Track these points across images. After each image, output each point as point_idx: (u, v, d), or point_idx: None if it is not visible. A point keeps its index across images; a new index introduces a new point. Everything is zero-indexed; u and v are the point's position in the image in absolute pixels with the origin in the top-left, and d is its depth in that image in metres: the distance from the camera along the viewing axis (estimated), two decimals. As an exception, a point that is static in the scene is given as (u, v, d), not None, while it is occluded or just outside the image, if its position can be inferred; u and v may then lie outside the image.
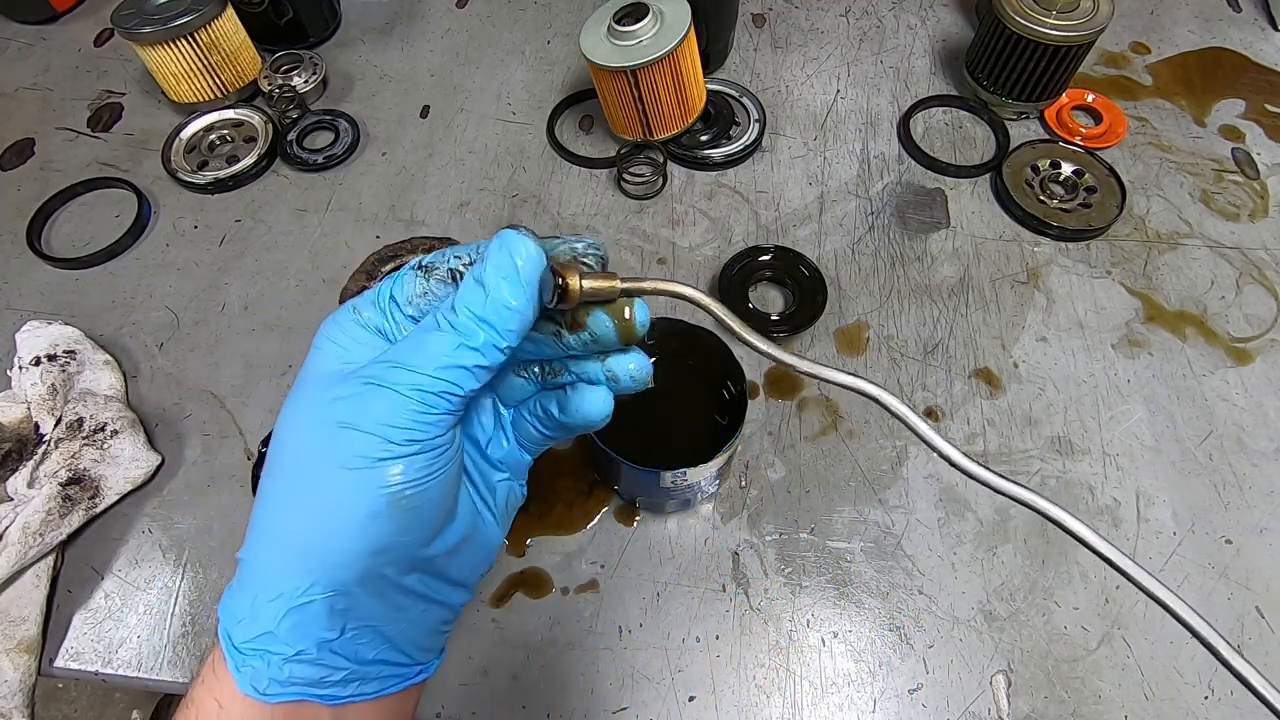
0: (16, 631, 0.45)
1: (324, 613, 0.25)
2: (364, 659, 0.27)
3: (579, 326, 0.28)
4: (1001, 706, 0.44)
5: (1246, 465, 0.51)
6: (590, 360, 0.30)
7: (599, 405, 0.30)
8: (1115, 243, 0.61)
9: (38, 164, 0.68)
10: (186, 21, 0.63)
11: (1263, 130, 0.68)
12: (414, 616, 0.28)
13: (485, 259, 0.26)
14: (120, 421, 0.51)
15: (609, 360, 0.30)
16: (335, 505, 0.25)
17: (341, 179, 0.66)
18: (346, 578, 0.25)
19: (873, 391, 0.32)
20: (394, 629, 0.28)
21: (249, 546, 0.27)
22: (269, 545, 0.26)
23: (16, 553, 0.45)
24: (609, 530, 0.49)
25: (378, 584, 0.26)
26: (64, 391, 0.52)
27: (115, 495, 0.49)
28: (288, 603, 0.25)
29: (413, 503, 0.26)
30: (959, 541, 0.48)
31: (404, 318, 0.28)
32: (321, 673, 0.26)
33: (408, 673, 0.29)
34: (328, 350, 0.28)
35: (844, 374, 0.31)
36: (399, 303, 0.28)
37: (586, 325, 0.28)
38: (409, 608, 0.28)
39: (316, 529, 0.25)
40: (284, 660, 0.26)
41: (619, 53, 0.58)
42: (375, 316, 0.29)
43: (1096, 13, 0.61)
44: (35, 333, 0.55)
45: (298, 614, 0.25)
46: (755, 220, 0.63)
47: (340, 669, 0.26)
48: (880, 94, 0.71)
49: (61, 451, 0.49)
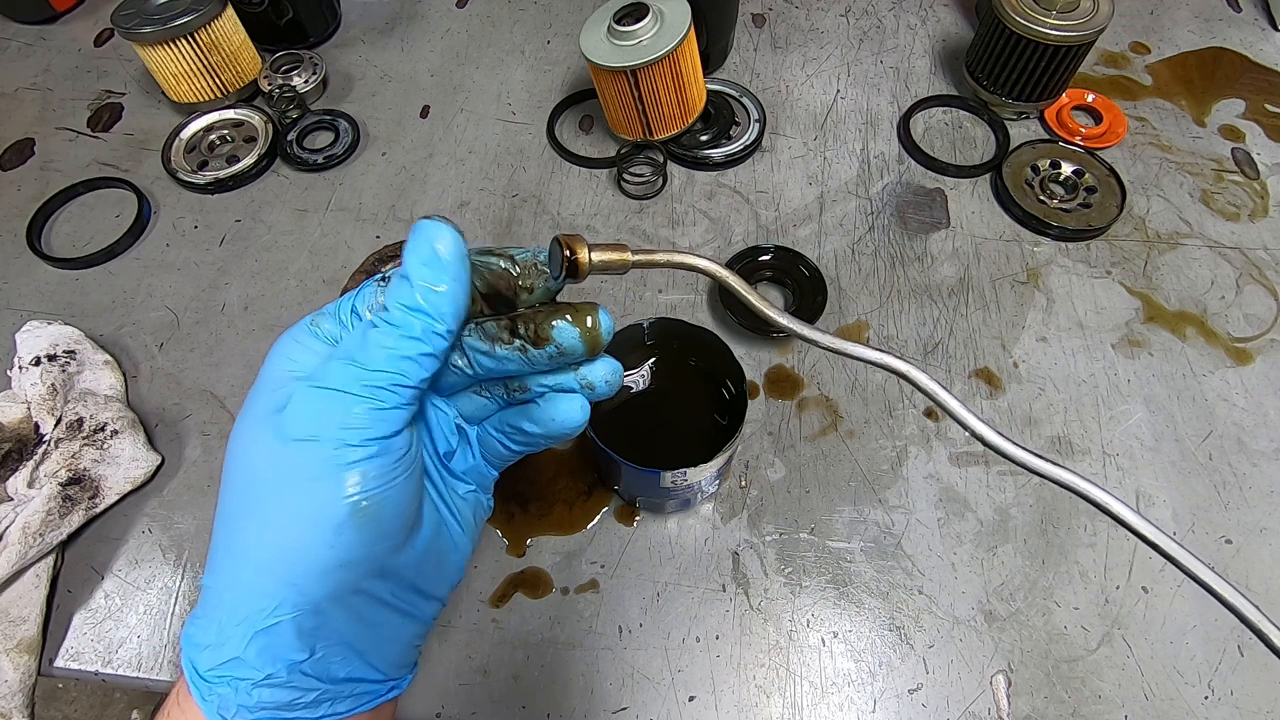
0: (16, 631, 0.45)
1: (293, 633, 0.25)
2: (335, 678, 0.27)
3: (544, 340, 0.28)
4: (1001, 706, 0.44)
5: (1246, 465, 0.51)
6: (563, 370, 0.30)
7: (575, 413, 0.30)
8: (1115, 243, 0.61)
9: (38, 164, 0.68)
10: (186, 21, 0.63)
11: (1263, 130, 0.68)
12: (385, 632, 0.28)
13: (404, 252, 0.26)
14: (120, 422, 0.51)
15: (581, 369, 0.30)
16: (296, 518, 0.25)
17: (341, 179, 0.66)
18: (315, 595, 0.25)
19: (900, 367, 0.30)
20: (365, 644, 0.27)
21: (210, 571, 0.26)
22: (231, 567, 0.26)
23: (17, 553, 0.45)
24: (609, 530, 0.49)
25: (347, 598, 0.26)
26: (64, 391, 0.52)
27: (115, 495, 0.49)
28: (254, 625, 0.25)
29: (374, 511, 0.25)
30: (959, 541, 0.49)
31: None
32: (292, 695, 0.26)
33: (379, 689, 0.28)
34: (279, 364, 0.27)
35: (870, 349, 0.30)
36: (359, 314, 0.28)
37: (551, 338, 0.28)
38: (380, 622, 0.27)
39: (279, 545, 0.25)
40: (252, 685, 0.25)
41: (619, 53, 0.58)
42: (333, 328, 0.28)
43: (1096, 13, 0.61)
44: (35, 333, 0.55)
45: (265, 636, 0.25)
46: (755, 220, 0.63)
47: (311, 690, 0.26)
48: (880, 94, 0.71)
49: (61, 451, 0.49)
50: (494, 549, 0.49)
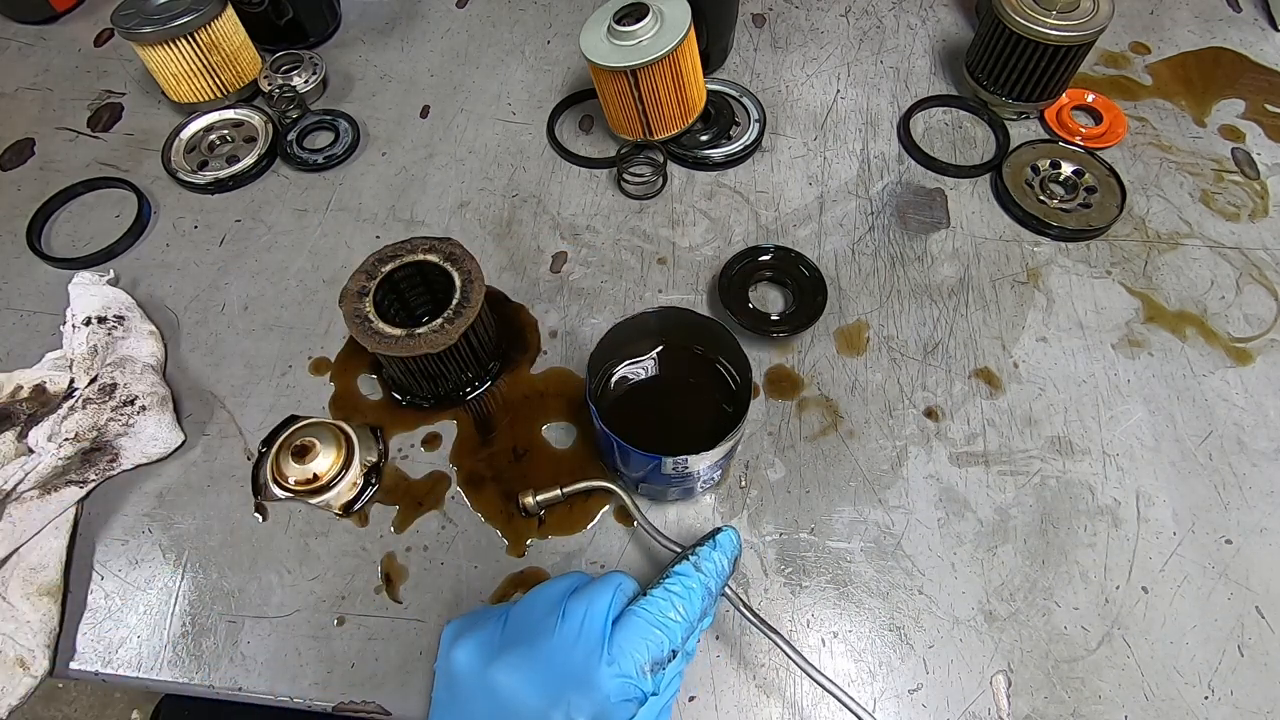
0: (36, 577, 0.46)
1: None
2: None
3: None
4: (1001, 706, 0.44)
5: (1246, 465, 0.51)
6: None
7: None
8: (1115, 243, 0.61)
9: (38, 164, 0.68)
10: (186, 21, 0.63)
11: (1263, 130, 0.68)
12: None
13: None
14: (150, 397, 0.52)
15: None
16: None
17: (341, 179, 0.66)
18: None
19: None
20: None
21: None
22: None
23: (35, 506, 0.47)
24: (609, 530, 0.49)
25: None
26: (104, 354, 0.53)
27: (131, 465, 0.51)
28: None
29: None
30: (959, 541, 0.49)
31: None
32: None
33: None
34: None
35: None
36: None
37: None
38: None
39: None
40: None
41: (619, 53, 0.58)
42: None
43: (1096, 13, 0.61)
44: (89, 290, 0.56)
45: None
46: (755, 220, 0.63)
47: None
48: (880, 94, 0.71)
49: (88, 412, 0.50)
50: (494, 549, 0.49)
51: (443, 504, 0.50)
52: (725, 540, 0.39)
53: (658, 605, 0.35)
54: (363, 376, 0.55)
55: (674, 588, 0.36)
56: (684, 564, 0.37)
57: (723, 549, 0.38)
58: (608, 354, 0.46)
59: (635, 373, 0.48)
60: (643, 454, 0.42)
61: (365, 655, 0.45)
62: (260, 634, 0.46)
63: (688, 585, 0.36)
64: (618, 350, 0.48)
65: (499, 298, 0.59)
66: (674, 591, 0.36)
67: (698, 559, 0.38)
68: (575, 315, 0.58)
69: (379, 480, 0.51)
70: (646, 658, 0.34)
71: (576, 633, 0.34)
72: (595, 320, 0.58)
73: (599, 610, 0.35)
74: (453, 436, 0.53)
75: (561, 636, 0.35)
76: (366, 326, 0.47)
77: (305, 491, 0.49)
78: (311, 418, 0.52)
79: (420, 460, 0.52)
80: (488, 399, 0.54)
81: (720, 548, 0.38)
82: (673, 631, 0.35)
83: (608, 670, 0.33)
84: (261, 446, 0.52)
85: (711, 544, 0.38)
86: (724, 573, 0.38)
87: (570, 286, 0.59)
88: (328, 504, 0.49)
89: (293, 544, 0.49)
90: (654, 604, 0.35)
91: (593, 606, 0.35)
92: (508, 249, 0.62)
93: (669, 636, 0.34)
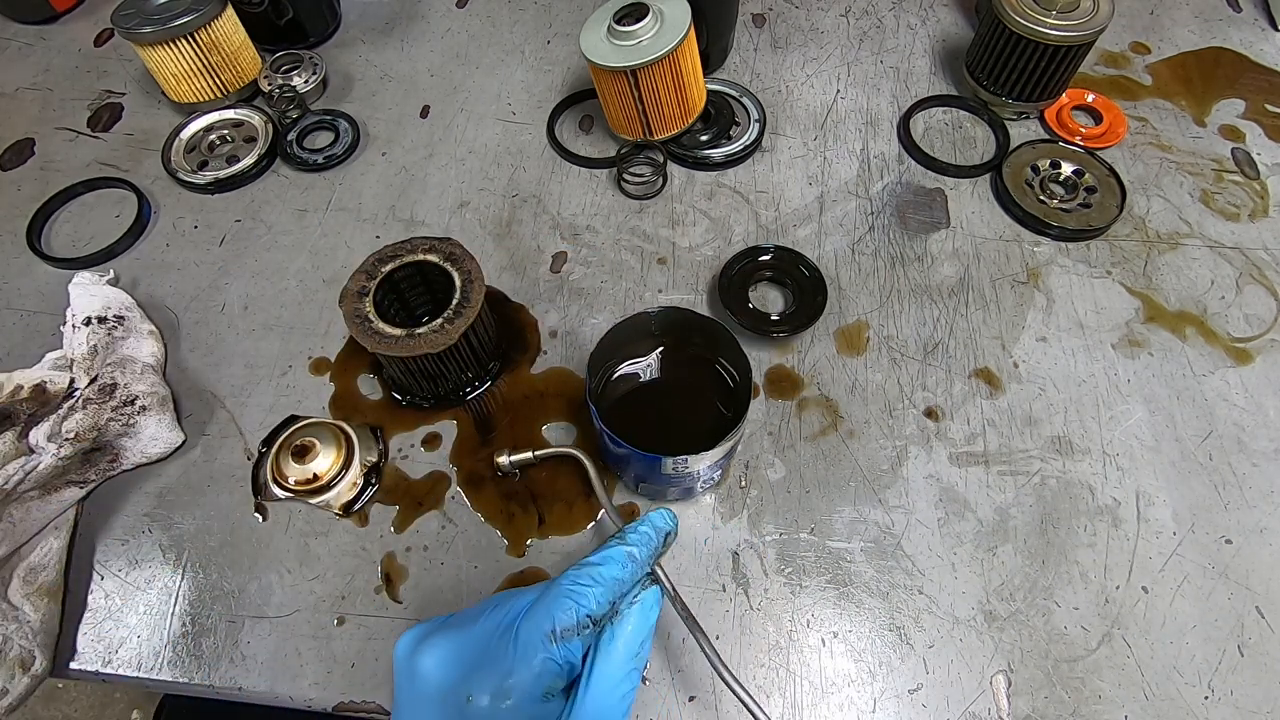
0: (36, 577, 0.46)
1: None
2: None
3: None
4: (1001, 706, 0.44)
5: (1246, 465, 0.51)
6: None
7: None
8: (1115, 243, 0.61)
9: (38, 164, 0.68)
10: (186, 21, 0.63)
11: (1263, 130, 0.68)
12: None
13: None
14: (150, 398, 0.51)
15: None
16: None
17: (341, 179, 0.66)
18: None
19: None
20: None
21: None
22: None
23: (35, 506, 0.47)
24: (609, 530, 0.49)
25: None
26: (104, 354, 0.53)
27: (131, 464, 0.51)
28: None
29: None
30: (959, 541, 0.49)
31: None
32: None
33: None
34: None
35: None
36: None
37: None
38: None
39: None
40: None
41: (619, 53, 0.58)
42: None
43: (1096, 13, 0.61)
44: (90, 290, 0.56)
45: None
46: (755, 220, 0.63)
47: None
48: (880, 94, 0.71)
49: (89, 412, 0.50)
50: (494, 549, 0.49)
51: (443, 504, 0.50)
52: (656, 516, 0.39)
53: (570, 575, 0.35)
54: (363, 376, 0.55)
55: (592, 558, 0.36)
56: (612, 539, 0.38)
57: (650, 522, 0.38)
58: (608, 354, 0.46)
59: (635, 373, 0.48)
60: (642, 454, 0.42)
61: (365, 655, 0.45)
62: (260, 634, 0.46)
63: (605, 555, 0.36)
64: (618, 350, 0.48)
65: (499, 298, 0.59)
66: (590, 561, 0.36)
67: (624, 532, 0.38)
68: (575, 315, 0.58)
69: (379, 480, 0.51)
70: (551, 625, 0.33)
71: (501, 615, 0.35)
72: (595, 320, 0.58)
73: (528, 594, 0.35)
74: (453, 436, 0.53)
75: (487, 619, 0.35)
76: (366, 326, 0.47)
77: (305, 491, 0.49)
78: (311, 418, 0.53)
79: (420, 460, 0.52)
80: (488, 399, 0.54)
81: (648, 521, 0.38)
82: (584, 597, 0.34)
83: (512, 644, 0.33)
84: (261, 446, 0.52)
85: (642, 519, 0.39)
86: (651, 541, 0.37)
87: (570, 286, 0.59)
88: (328, 504, 0.49)
89: (293, 544, 0.49)
90: (568, 575, 0.35)
91: (526, 594, 0.35)
92: (508, 249, 0.62)
93: (578, 603, 0.34)
